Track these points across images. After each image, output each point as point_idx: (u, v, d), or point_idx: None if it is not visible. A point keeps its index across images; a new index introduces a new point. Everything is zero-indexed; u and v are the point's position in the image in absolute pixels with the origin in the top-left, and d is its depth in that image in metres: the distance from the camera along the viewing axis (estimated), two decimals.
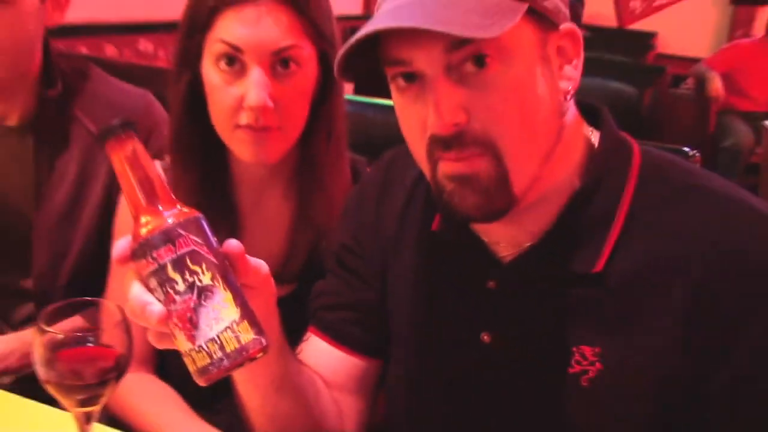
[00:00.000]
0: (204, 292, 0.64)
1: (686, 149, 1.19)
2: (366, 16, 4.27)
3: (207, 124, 1.09)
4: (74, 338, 0.77)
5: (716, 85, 4.44)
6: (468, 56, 0.72)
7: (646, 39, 5.15)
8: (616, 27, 5.82)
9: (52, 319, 0.78)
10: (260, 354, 0.65)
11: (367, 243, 0.99)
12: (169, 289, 0.64)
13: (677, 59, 4.98)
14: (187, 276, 0.63)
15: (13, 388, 1.01)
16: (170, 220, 0.65)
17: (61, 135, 1.24)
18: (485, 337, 0.86)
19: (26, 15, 1.16)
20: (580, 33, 0.79)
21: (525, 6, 0.72)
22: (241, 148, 1.07)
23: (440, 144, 0.75)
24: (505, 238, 0.85)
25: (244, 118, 1.03)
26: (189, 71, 1.08)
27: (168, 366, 1.18)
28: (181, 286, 0.64)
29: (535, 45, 0.75)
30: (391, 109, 1.52)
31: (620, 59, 3.80)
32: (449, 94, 0.73)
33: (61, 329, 0.77)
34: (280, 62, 1.03)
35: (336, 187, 1.14)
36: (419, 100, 0.76)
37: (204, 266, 0.64)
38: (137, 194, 0.66)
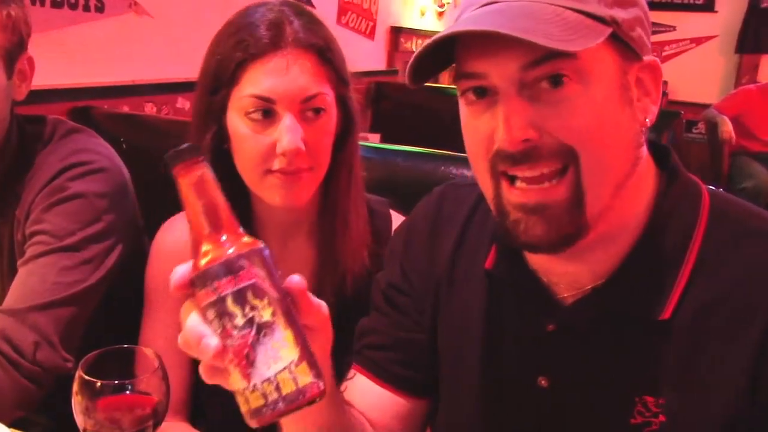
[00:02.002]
0: (264, 329, 0.58)
1: None
2: (390, 71, 4.31)
3: (231, 174, 1.07)
4: (113, 386, 0.74)
5: (727, 128, 4.42)
6: (544, 75, 0.67)
7: None
8: None
9: (93, 368, 0.75)
10: (317, 398, 0.58)
11: (417, 281, 0.94)
12: (227, 323, 0.58)
13: (688, 105, 4.95)
14: (247, 310, 0.57)
15: None
16: (233, 251, 0.59)
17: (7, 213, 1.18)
18: (543, 382, 0.79)
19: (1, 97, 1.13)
20: (660, 67, 0.75)
21: (609, 30, 0.68)
22: (272, 192, 1.06)
23: (508, 160, 0.69)
24: (565, 278, 0.79)
25: (277, 164, 1.02)
26: (214, 125, 1.06)
27: (207, 414, 1.14)
28: (240, 321, 0.57)
29: (616, 71, 0.70)
30: (415, 155, 1.52)
31: None
32: (520, 110, 0.68)
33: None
34: (310, 109, 1.02)
35: (357, 228, 1.11)
36: (487, 114, 0.71)
37: (265, 301, 0.58)
38: (201, 221, 0.61)
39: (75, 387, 0.75)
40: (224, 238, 0.60)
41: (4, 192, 1.19)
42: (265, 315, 0.58)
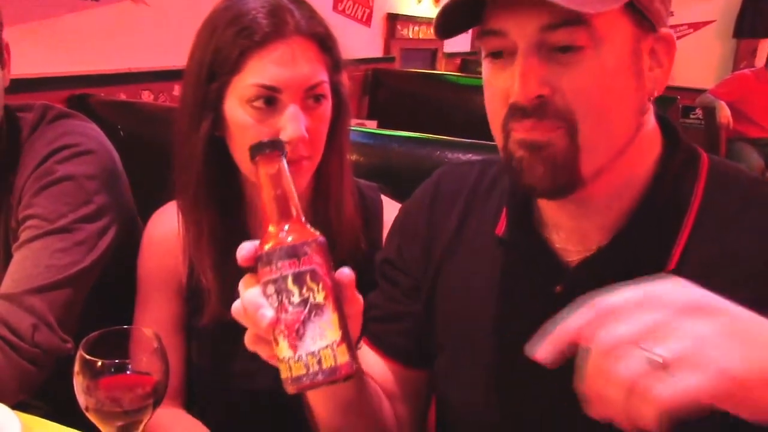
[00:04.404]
0: (315, 309, 0.65)
1: None
2: (386, 58, 4.31)
3: (225, 162, 1.07)
4: (113, 365, 0.76)
5: (725, 112, 4.42)
6: (561, 40, 0.70)
7: None
8: None
9: (93, 348, 0.77)
10: (351, 376, 0.65)
11: (412, 256, 0.97)
12: (284, 299, 0.65)
13: (685, 90, 4.94)
14: (304, 291, 0.65)
15: (52, 416, 0.99)
16: (299, 238, 0.66)
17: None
18: None
19: None
20: (675, 41, 0.77)
21: None
22: None
23: (519, 112, 0.73)
24: (573, 237, 0.82)
25: None
26: (211, 113, 1.04)
27: (206, 414, 1.16)
28: (296, 299, 0.65)
29: (629, 39, 0.73)
30: (410, 140, 1.53)
31: None
32: (536, 67, 0.71)
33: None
34: (311, 97, 1.03)
35: (349, 213, 1.12)
36: (507, 71, 0.74)
37: (320, 286, 0.65)
38: (274, 208, 0.68)
39: (76, 367, 0.77)
40: (291, 225, 0.68)
41: None
42: (318, 298, 0.65)
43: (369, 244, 1.13)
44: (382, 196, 1.21)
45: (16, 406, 0.95)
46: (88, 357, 0.75)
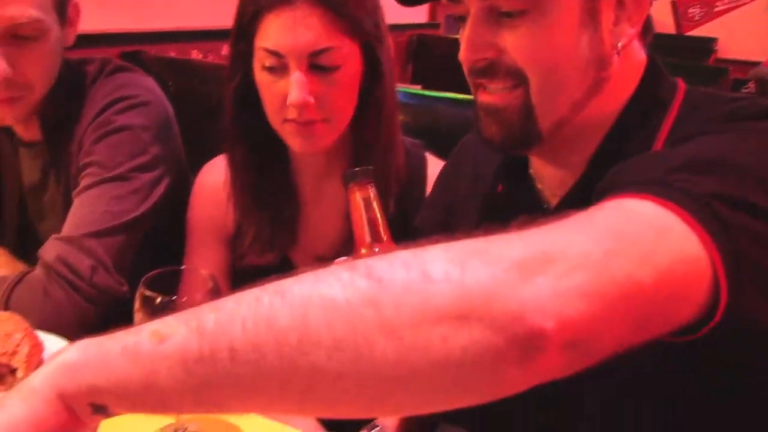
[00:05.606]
0: None
1: None
2: (430, 24, 4.27)
3: (264, 119, 1.12)
4: (171, 302, 0.80)
5: None
6: (505, 5, 0.73)
7: (707, 44, 4.98)
8: (675, 33, 5.64)
9: (153, 285, 0.81)
10: None
11: (431, 225, 0.99)
12: None
13: (737, 63, 4.80)
14: None
15: None
16: None
17: (63, 148, 1.25)
18: None
19: (53, 45, 1.19)
20: None
21: None
22: (290, 140, 1.11)
23: (473, 74, 0.78)
24: (553, 187, 0.84)
25: (290, 114, 1.07)
26: (241, 72, 1.11)
27: None
28: None
29: None
30: (457, 102, 1.53)
31: (683, 62, 3.68)
32: (481, 31, 0.75)
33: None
34: (319, 63, 1.05)
35: (390, 171, 1.14)
36: (462, 35, 0.78)
37: None
38: (364, 230, 0.74)
39: (137, 304, 0.81)
40: (381, 248, 0.73)
41: (60, 128, 1.26)
42: None
43: (413, 200, 1.15)
44: (426, 153, 1.22)
45: None
46: (148, 293, 0.79)
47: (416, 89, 2.12)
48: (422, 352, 0.44)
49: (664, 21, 5.63)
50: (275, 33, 1.04)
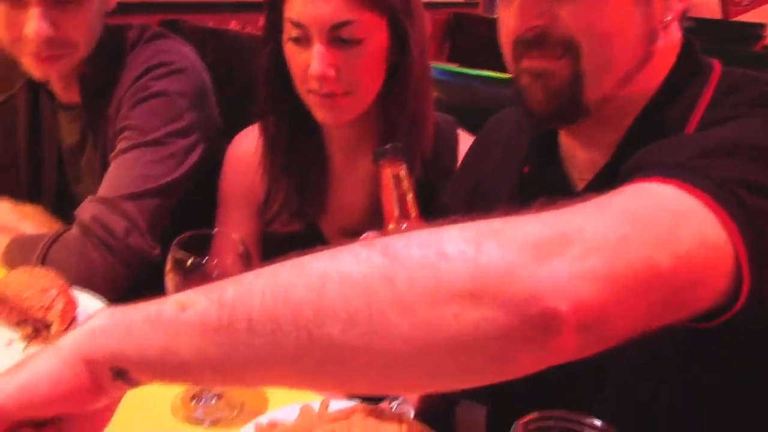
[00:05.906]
0: None
1: None
2: (469, 2, 4.21)
3: (294, 89, 1.13)
4: (202, 264, 0.81)
5: None
6: None
7: (754, 30, 4.84)
8: (721, 19, 5.49)
9: (185, 247, 0.82)
10: None
11: (456, 203, 1.00)
12: None
13: None
14: None
15: None
16: None
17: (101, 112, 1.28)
18: None
19: (95, 8, 1.22)
20: None
21: None
22: (315, 110, 1.12)
23: (521, 45, 0.76)
24: (585, 170, 0.82)
25: (312, 85, 1.08)
26: (272, 42, 1.13)
27: None
28: None
29: None
30: (493, 80, 1.52)
31: (729, 48, 3.58)
32: (533, 1, 0.74)
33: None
34: (341, 36, 1.05)
35: (417, 149, 1.14)
36: (511, 6, 0.76)
37: None
38: (393, 206, 0.74)
39: (168, 265, 0.83)
40: (409, 225, 0.73)
41: (99, 92, 1.29)
42: None
43: (444, 176, 1.14)
44: (459, 130, 1.22)
45: None
46: (179, 255, 0.81)
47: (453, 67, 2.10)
48: (434, 330, 0.44)
49: (710, 6, 5.48)
50: (299, 4, 1.06)
